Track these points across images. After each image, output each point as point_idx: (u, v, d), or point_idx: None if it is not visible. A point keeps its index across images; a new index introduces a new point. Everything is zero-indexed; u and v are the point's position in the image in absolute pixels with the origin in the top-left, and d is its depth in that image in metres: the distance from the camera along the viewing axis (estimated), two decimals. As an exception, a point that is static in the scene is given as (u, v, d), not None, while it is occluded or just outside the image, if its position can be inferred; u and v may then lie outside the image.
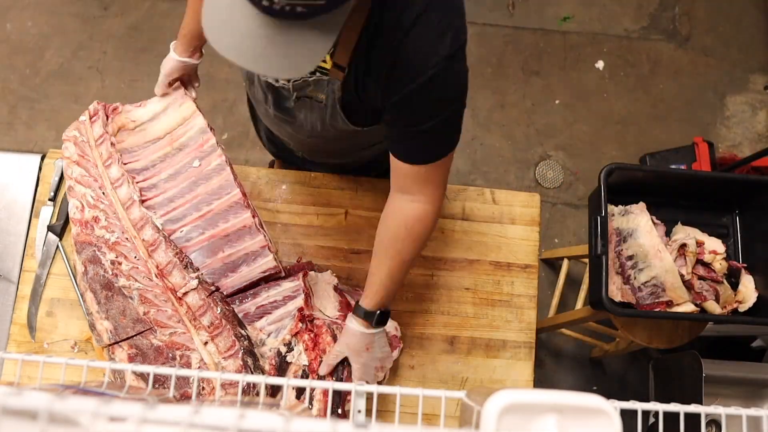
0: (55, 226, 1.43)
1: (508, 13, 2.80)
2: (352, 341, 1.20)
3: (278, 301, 1.28)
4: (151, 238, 1.24)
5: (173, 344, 1.20)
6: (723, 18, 2.83)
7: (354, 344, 1.20)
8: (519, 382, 1.42)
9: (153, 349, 1.21)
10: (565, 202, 2.55)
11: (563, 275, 2.15)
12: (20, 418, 0.47)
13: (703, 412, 0.80)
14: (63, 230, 1.44)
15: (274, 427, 0.47)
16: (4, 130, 2.55)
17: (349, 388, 0.83)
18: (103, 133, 1.33)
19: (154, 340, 1.21)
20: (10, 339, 1.39)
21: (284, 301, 1.28)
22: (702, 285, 1.61)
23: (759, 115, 2.72)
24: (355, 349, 1.20)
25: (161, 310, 1.21)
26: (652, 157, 2.52)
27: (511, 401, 0.64)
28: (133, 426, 0.46)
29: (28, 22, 2.68)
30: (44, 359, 0.86)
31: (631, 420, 0.80)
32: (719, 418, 0.80)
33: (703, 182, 1.72)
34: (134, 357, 1.22)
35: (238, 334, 1.20)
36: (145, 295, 1.21)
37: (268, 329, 1.27)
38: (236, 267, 1.27)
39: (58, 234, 1.43)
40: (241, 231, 1.27)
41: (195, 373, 0.84)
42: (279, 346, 1.24)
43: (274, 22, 0.80)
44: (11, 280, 1.44)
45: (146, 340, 1.21)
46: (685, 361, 1.69)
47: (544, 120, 2.66)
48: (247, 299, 1.28)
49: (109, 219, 1.26)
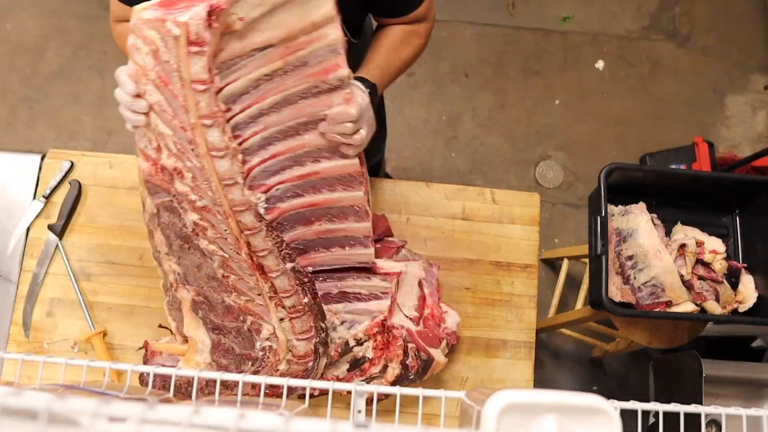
0: (56, 225, 1.43)
1: (508, 13, 2.80)
2: (364, 102, 1.06)
3: (363, 294, 1.18)
4: (250, 225, 1.02)
5: (247, 309, 1.08)
6: (723, 18, 2.83)
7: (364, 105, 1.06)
8: (519, 382, 1.42)
9: (223, 305, 1.09)
10: (565, 202, 2.55)
11: (563, 275, 2.15)
12: (20, 418, 0.47)
13: (703, 412, 0.80)
14: (63, 230, 1.44)
15: (274, 427, 0.47)
16: (4, 130, 2.55)
17: (349, 388, 0.83)
18: (207, 80, 0.89)
19: (228, 299, 1.08)
20: (10, 339, 1.39)
21: (369, 297, 1.18)
22: (702, 285, 1.61)
23: (759, 115, 2.72)
24: (366, 112, 1.06)
25: (243, 279, 1.06)
26: (652, 157, 2.52)
27: (511, 401, 0.64)
28: (133, 426, 0.46)
29: (28, 22, 2.68)
30: (44, 359, 0.86)
31: (631, 420, 0.80)
32: (719, 418, 0.80)
33: (703, 182, 1.72)
34: (199, 304, 1.11)
35: (318, 326, 1.12)
36: (228, 263, 1.05)
37: (344, 317, 1.19)
38: (330, 246, 1.12)
39: (58, 234, 1.43)
40: (347, 210, 1.08)
41: (195, 373, 0.84)
42: (349, 338, 1.18)
43: None
44: (11, 280, 1.44)
45: (218, 295, 1.08)
46: (685, 361, 1.68)
47: (544, 120, 2.66)
48: (331, 279, 1.18)
49: (197, 182, 0.99)
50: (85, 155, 1.51)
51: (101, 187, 1.48)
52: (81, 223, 1.46)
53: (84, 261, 1.44)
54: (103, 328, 1.40)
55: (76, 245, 1.45)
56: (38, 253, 1.44)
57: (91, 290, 1.43)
